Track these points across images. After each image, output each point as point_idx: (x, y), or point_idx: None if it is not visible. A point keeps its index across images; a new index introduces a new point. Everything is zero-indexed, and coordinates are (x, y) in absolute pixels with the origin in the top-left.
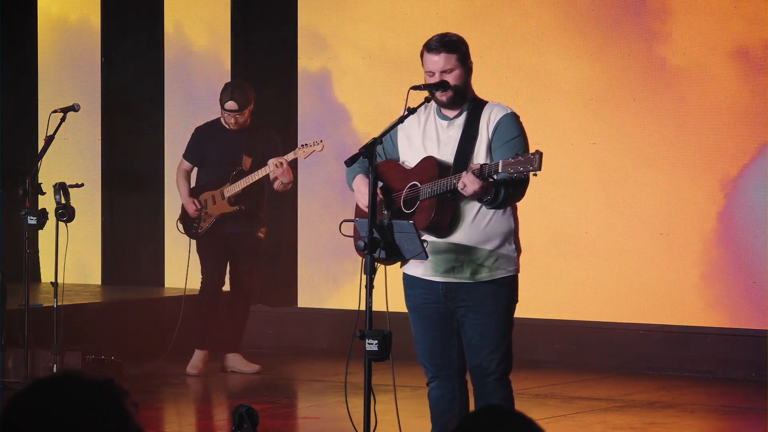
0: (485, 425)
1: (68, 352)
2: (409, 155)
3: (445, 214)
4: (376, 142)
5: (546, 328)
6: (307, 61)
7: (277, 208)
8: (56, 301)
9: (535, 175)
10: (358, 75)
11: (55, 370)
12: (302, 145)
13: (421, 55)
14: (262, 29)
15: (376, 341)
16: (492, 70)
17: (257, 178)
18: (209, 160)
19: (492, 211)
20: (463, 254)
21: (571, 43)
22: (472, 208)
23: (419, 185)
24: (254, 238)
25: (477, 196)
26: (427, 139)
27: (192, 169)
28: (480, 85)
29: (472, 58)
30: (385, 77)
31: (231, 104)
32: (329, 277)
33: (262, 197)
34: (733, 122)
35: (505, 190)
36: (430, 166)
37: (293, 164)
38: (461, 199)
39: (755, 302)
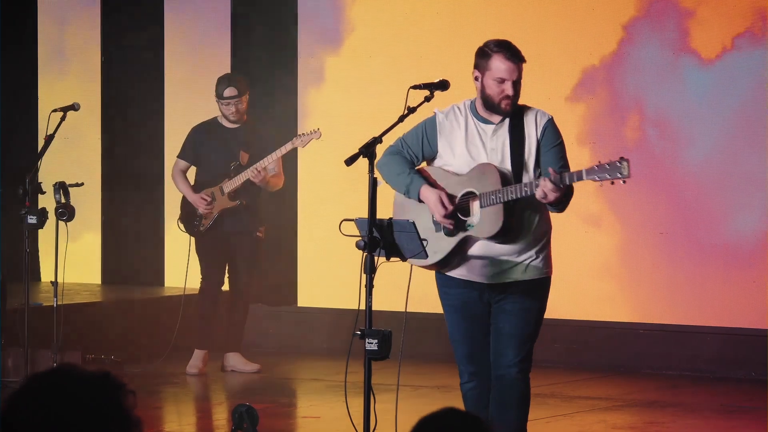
0: (444, 427)
1: (68, 352)
2: (451, 160)
3: (510, 220)
4: (376, 141)
5: (546, 327)
6: (307, 59)
7: (277, 207)
8: (56, 301)
9: (624, 182)
10: (359, 73)
11: None
12: (300, 135)
13: (487, 57)
14: (263, 27)
15: (376, 340)
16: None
17: (247, 177)
18: (206, 157)
19: (539, 213)
20: (514, 256)
21: (569, 40)
22: (526, 212)
23: (477, 192)
24: (254, 238)
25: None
26: (471, 144)
27: (188, 169)
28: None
29: (471, 57)
30: (385, 75)
31: (230, 90)
32: (329, 276)
33: (261, 194)
34: (733, 122)
35: (570, 195)
36: (491, 173)
37: (292, 158)
38: (520, 203)
39: (755, 302)
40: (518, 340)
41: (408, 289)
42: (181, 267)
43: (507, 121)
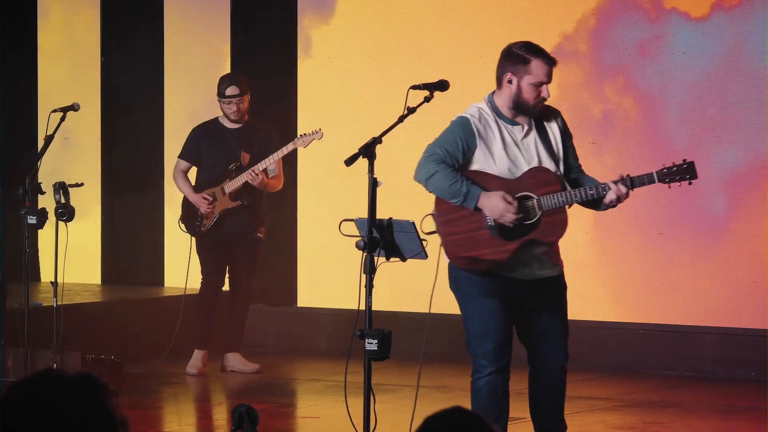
0: (450, 426)
1: (68, 352)
2: (490, 165)
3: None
4: (376, 141)
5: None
6: (306, 60)
7: (277, 207)
8: (56, 301)
9: (690, 183)
10: (359, 73)
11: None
12: (301, 135)
13: (525, 61)
14: (262, 28)
15: (376, 341)
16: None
17: (246, 179)
18: (207, 158)
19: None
20: (552, 251)
21: (568, 41)
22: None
23: (533, 195)
24: (254, 238)
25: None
26: (508, 147)
27: (189, 169)
28: (480, 86)
29: (471, 56)
30: (385, 75)
31: (232, 89)
32: (329, 276)
33: (261, 195)
34: (733, 121)
35: None
36: (551, 177)
37: (292, 159)
38: None
39: (755, 302)
40: (563, 340)
41: (432, 290)
42: (181, 267)
43: (532, 120)
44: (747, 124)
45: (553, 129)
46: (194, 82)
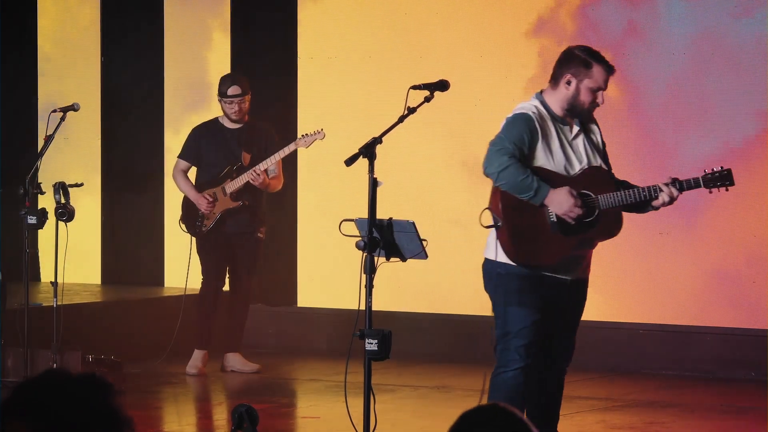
0: (486, 422)
1: (68, 352)
2: (549, 162)
3: None
4: (376, 141)
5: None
6: (307, 60)
7: (277, 207)
8: (56, 301)
9: (727, 189)
10: (358, 73)
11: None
12: (303, 136)
13: (587, 65)
14: (262, 27)
15: (376, 341)
16: (490, 71)
17: (247, 179)
18: (208, 158)
19: None
20: (590, 254)
21: (569, 42)
22: None
23: (591, 194)
24: (254, 238)
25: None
26: (564, 146)
27: (188, 169)
28: (480, 86)
29: (472, 57)
30: (385, 75)
31: (234, 88)
32: (329, 276)
33: (262, 195)
34: (732, 122)
35: None
36: (606, 176)
37: (292, 159)
38: None
39: (755, 302)
40: (573, 341)
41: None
42: (181, 267)
43: (578, 121)
44: (747, 124)
45: (595, 132)
46: (194, 82)
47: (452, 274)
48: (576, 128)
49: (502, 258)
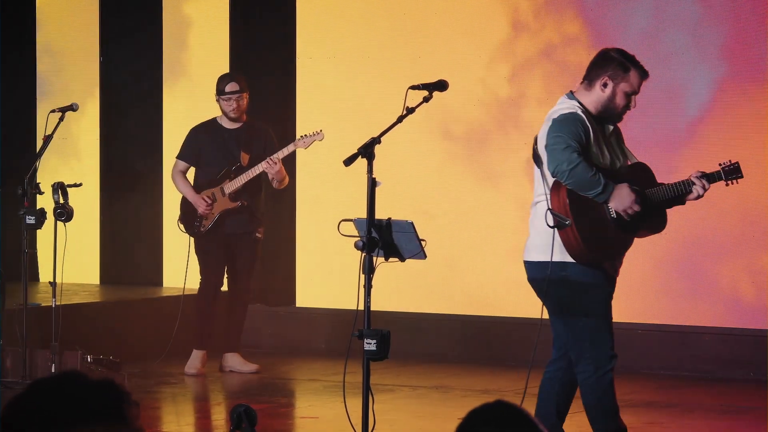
0: (493, 420)
1: (67, 352)
2: (599, 160)
3: None
4: (375, 142)
5: (547, 327)
6: (306, 59)
7: (275, 207)
8: (55, 301)
9: (737, 183)
10: (357, 73)
11: (53, 369)
12: (302, 136)
13: (625, 69)
14: (261, 27)
15: (375, 341)
16: (490, 71)
17: (256, 173)
18: (206, 158)
19: None
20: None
21: (569, 43)
22: None
23: (640, 190)
24: (253, 239)
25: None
26: (607, 145)
27: (187, 170)
28: (480, 86)
29: (478, 56)
30: (384, 75)
31: (232, 85)
32: (328, 276)
33: (260, 195)
34: (732, 121)
35: None
36: (650, 172)
37: (290, 159)
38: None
39: (755, 302)
40: None
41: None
42: (180, 267)
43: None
44: (747, 122)
45: (619, 132)
46: (193, 82)
47: (452, 275)
48: (611, 127)
49: (565, 257)
